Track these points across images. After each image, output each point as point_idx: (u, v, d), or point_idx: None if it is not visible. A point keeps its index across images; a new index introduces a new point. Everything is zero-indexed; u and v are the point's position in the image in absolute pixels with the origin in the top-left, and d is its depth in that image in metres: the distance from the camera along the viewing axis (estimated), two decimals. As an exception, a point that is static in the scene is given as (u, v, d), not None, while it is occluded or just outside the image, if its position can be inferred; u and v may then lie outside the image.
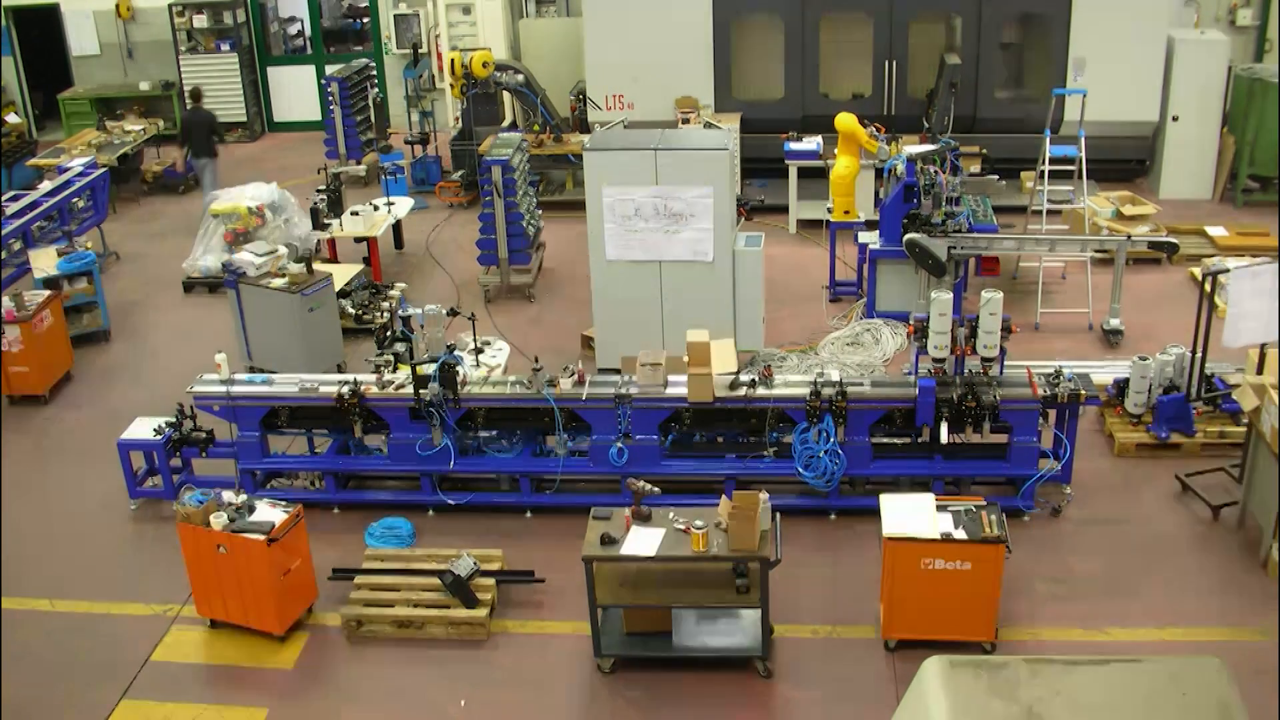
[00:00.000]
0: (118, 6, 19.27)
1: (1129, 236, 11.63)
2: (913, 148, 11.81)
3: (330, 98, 14.87)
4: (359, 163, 14.68)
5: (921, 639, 7.49)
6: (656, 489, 7.70)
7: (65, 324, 11.83)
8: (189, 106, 16.43)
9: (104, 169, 15.01)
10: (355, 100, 15.30)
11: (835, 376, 8.80)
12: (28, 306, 11.18)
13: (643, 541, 7.26)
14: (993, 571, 7.26)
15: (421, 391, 8.88)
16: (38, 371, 11.27)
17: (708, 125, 14.09)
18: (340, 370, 10.80)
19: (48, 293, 11.64)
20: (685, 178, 10.00)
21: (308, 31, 20.46)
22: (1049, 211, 12.65)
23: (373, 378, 9.26)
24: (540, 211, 13.67)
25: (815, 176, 14.35)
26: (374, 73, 15.08)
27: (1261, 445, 8.22)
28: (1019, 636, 7.66)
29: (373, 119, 15.50)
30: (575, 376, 8.93)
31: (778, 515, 7.47)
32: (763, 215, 14.00)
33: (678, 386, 8.96)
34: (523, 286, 13.00)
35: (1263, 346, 8.53)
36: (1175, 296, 12.41)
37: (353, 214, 13.22)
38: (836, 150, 13.10)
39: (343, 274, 12.46)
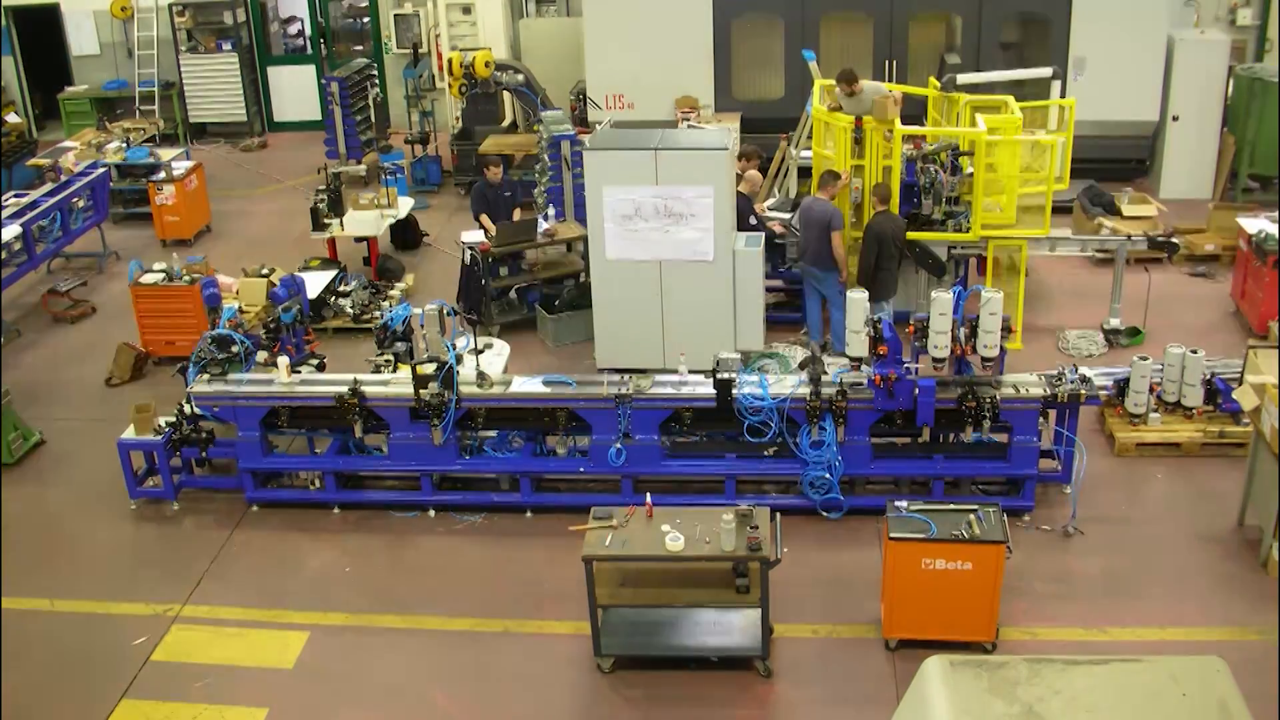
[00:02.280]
0: (115, 6, 19.28)
1: (1129, 236, 11.63)
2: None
3: (330, 98, 14.90)
4: (359, 162, 14.69)
5: (922, 639, 7.49)
6: None
7: (206, 187, 15.70)
8: None
9: (104, 169, 15.05)
10: (355, 100, 15.32)
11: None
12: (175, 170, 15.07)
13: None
14: (993, 571, 7.26)
15: (421, 391, 8.88)
16: (186, 222, 15.10)
17: (690, 126, 14.10)
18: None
19: (192, 163, 15.61)
20: (685, 177, 10.00)
21: (308, 31, 20.47)
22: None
23: (375, 377, 9.27)
24: None
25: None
26: (374, 72, 15.10)
27: (1261, 445, 8.22)
28: (1019, 636, 7.66)
29: (373, 119, 15.52)
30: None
31: (778, 516, 7.47)
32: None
33: (676, 387, 8.99)
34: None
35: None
36: (1175, 296, 12.40)
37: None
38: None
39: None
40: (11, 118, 17.97)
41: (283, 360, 9.37)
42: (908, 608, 7.46)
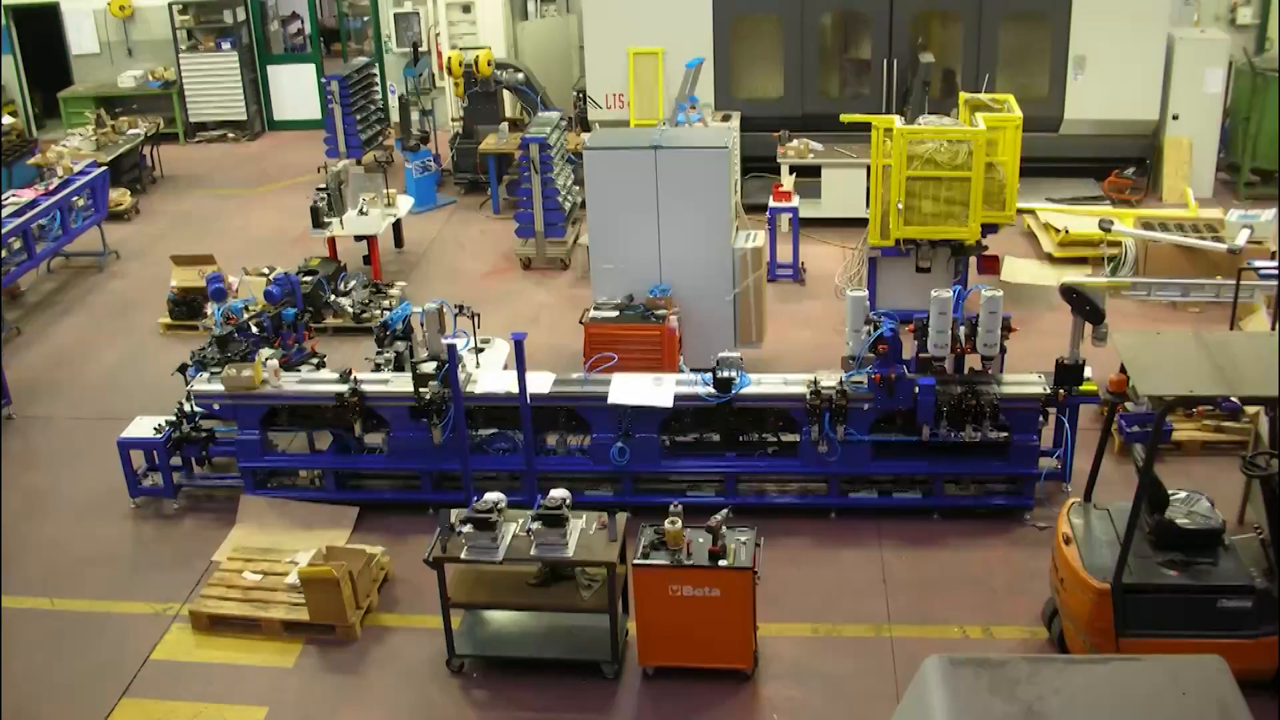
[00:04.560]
0: (114, 5, 19.28)
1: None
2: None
3: (330, 96, 14.91)
4: (359, 161, 14.70)
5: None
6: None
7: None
8: None
9: (103, 168, 15.05)
10: (355, 99, 15.33)
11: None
12: None
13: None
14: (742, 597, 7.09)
15: (421, 390, 8.88)
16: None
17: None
18: None
19: None
20: (685, 176, 9.99)
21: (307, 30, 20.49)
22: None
23: (374, 376, 9.26)
24: (579, 186, 13.78)
25: (814, 174, 14.37)
26: (374, 71, 15.11)
27: (1261, 445, 8.21)
28: (1019, 636, 7.66)
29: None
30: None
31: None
32: (753, 213, 13.93)
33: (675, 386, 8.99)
34: (557, 258, 13.68)
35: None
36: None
37: (361, 213, 13.20)
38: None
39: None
40: (8, 119, 17.95)
41: (271, 362, 9.30)
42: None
